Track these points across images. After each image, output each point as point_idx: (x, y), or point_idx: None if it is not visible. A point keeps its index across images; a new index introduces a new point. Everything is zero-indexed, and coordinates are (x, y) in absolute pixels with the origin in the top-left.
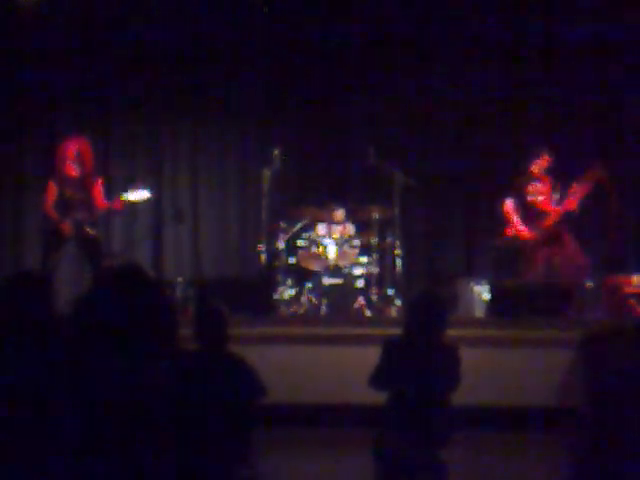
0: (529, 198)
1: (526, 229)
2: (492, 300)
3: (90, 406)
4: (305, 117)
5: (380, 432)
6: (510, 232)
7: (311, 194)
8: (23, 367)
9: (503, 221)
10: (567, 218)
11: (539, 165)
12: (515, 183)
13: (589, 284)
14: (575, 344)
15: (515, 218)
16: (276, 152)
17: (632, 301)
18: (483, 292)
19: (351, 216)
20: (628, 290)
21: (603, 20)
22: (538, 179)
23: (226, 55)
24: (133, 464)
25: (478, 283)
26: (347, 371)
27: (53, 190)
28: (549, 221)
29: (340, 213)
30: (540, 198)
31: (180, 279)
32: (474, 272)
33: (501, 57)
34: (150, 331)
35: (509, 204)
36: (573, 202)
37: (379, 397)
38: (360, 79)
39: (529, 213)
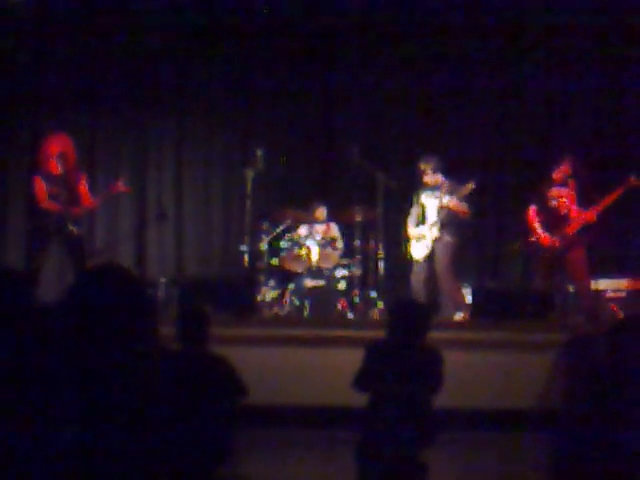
0: (551, 203)
1: (548, 236)
2: (474, 303)
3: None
4: (289, 118)
5: (363, 434)
6: (532, 239)
7: (294, 195)
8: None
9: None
10: (586, 229)
11: (562, 171)
12: (538, 189)
13: (571, 288)
14: (557, 347)
15: (537, 225)
16: (259, 153)
17: (614, 305)
18: (465, 295)
19: (334, 216)
20: (610, 295)
21: None
22: (561, 184)
23: (210, 55)
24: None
25: (460, 286)
26: (329, 373)
27: (41, 185)
28: (572, 228)
29: (322, 211)
30: (564, 201)
31: (163, 279)
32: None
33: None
34: (130, 330)
35: (532, 211)
36: (593, 214)
37: (362, 399)
38: (347, 79)
39: (551, 219)
